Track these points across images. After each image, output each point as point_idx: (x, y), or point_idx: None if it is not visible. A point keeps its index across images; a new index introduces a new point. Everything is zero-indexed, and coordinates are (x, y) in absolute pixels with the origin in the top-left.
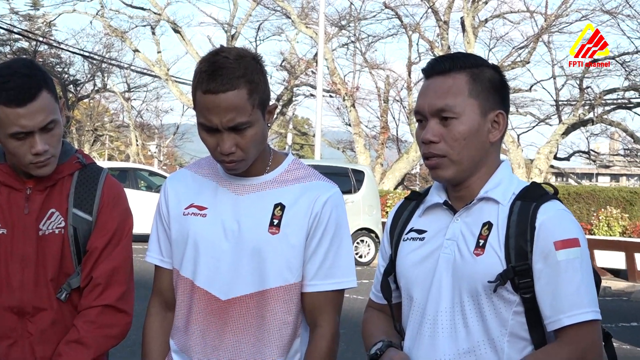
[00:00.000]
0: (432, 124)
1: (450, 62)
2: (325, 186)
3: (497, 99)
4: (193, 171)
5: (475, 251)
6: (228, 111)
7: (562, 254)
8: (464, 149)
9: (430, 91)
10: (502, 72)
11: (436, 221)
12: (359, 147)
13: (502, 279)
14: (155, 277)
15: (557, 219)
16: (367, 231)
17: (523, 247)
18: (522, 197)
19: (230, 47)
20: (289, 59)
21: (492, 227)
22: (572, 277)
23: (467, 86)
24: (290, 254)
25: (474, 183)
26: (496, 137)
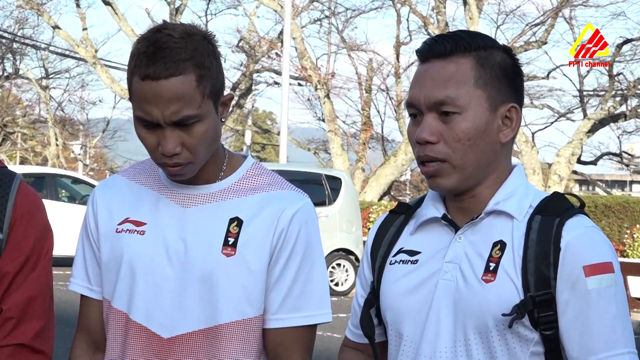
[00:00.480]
0: (429, 119)
1: (452, 42)
2: (292, 196)
3: (510, 89)
4: (128, 178)
5: (484, 277)
6: (172, 102)
7: (593, 281)
8: (468, 152)
9: (428, 79)
10: (515, 55)
11: (433, 240)
12: (334, 148)
13: (519, 311)
14: (81, 310)
15: (586, 238)
16: (344, 253)
17: (545, 272)
18: (543, 210)
19: (175, 23)
20: (247, 38)
21: (506, 247)
22: (605, 309)
23: (472, 73)
24: (249, 281)
25: (481, 193)
26: (508, 136)
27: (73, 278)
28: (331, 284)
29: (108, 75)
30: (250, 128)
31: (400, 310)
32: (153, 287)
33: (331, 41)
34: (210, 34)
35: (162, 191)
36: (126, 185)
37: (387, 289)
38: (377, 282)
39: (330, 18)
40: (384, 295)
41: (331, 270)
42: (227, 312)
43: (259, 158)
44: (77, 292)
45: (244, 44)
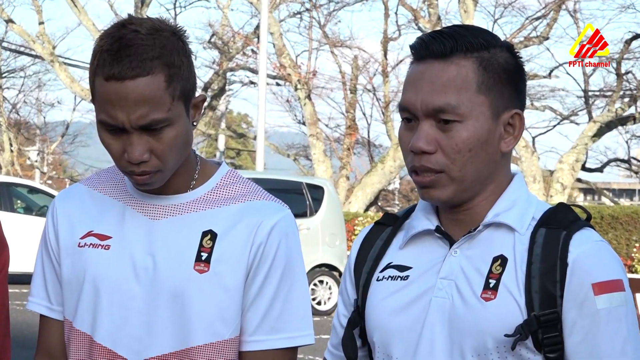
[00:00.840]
0: (426, 127)
1: (452, 41)
2: (271, 207)
3: (513, 93)
4: (91, 187)
5: (483, 294)
6: (138, 104)
7: (602, 300)
8: (468, 163)
9: (425, 82)
10: (517, 54)
11: (425, 254)
12: (316, 154)
13: (523, 332)
14: (41, 331)
15: (595, 253)
16: (327, 268)
17: (551, 290)
18: (547, 223)
19: (142, 17)
20: (220, 33)
21: (507, 262)
22: (615, 330)
23: (475, 77)
24: (224, 300)
25: (478, 204)
26: (510, 145)
27: (32, 297)
28: (313, 303)
29: (67, 74)
30: (224, 132)
31: (390, 330)
32: (119, 307)
33: (312, 37)
34: (180, 30)
35: (129, 202)
36: (89, 195)
37: (375, 307)
38: (362, 300)
39: (311, 11)
40: (370, 314)
41: (313, 288)
42: (201, 334)
43: (233, 165)
44: (36, 312)
45: (216, 39)
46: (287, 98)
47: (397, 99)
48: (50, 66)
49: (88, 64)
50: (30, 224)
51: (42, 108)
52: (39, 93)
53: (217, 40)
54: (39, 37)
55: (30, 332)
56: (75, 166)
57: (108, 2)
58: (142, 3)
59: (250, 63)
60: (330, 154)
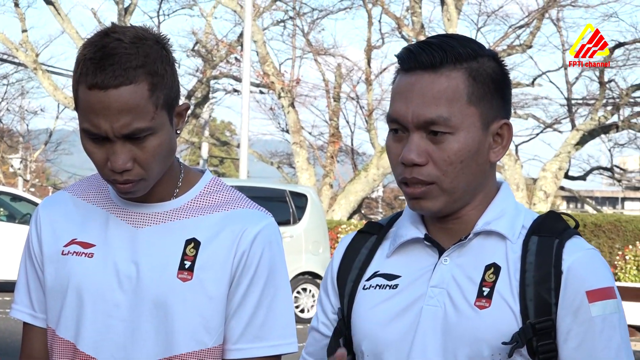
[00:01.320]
0: (417, 139)
1: (441, 52)
2: (254, 215)
3: (500, 102)
4: (75, 195)
5: (477, 302)
6: (122, 113)
7: (597, 307)
8: (460, 174)
9: (416, 94)
10: (503, 63)
11: (414, 262)
12: (300, 162)
13: (520, 339)
14: (24, 339)
15: (588, 261)
16: (311, 276)
17: (545, 297)
18: (539, 231)
19: (126, 26)
20: (203, 41)
21: (500, 270)
22: (610, 337)
23: (465, 89)
24: (208, 308)
25: (467, 213)
26: (499, 155)
27: (15, 304)
28: (296, 311)
29: (50, 82)
30: (207, 140)
31: (381, 339)
32: (102, 315)
33: (296, 45)
34: (164, 38)
35: (112, 210)
36: (73, 202)
37: (363, 316)
38: (348, 309)
39: (294, 19)
40: (358, 323)
41: (296, 296)
42: (184, 342)
43: (216, 173)
44: (20, 320)
45: (200, 47)
46: (270, 106)
47: (380, 107)
48: (34, 74)
49: (71, 71)
50: (13, 232)
51: (25, 116)
52: (22, 101)
53: (200, 48)
54: (22, 45)
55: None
56: (59, 174)
57: (91, 10)
58: (126, 11)
59: (233, 71)
60: (313, 162)
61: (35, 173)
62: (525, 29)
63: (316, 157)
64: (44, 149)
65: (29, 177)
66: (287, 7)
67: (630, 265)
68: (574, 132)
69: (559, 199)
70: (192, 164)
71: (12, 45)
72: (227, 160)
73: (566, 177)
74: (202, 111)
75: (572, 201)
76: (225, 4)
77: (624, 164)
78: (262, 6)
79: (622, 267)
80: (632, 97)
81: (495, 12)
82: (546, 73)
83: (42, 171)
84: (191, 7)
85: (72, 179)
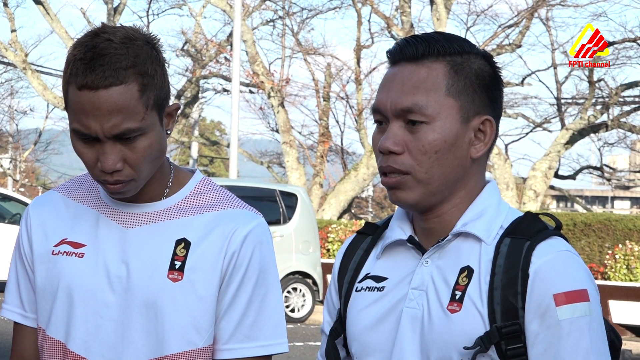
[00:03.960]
0: (395, 128)
1: (425, 45)
2: (244, 215)
3: (485, 100)
4: (65, 195)
5: (449, 306)
6: (112, 114)
7: (564, 311)
8: (434, 165)
9: (396, 83)
10: (495, 63)
11: (399, 264)
12: (290, 162)
13: (483, 343)
14: (15, 339)
15: (558, 263)
16: (301, 276)
17: (512, 301)
18: (512, 232)
19: (116, 26)
20: (193, 41)
21: (473, 273)
22: (577, 342)
23: (445, 80)
24: (198, 308)
25: (448, 212)
26: (480, 151)
27: (5, 304)
28: (286, 310)
29: (40, 81)
30: (197, 140)
31: (366, 342)
32: (93, 315)
33: (285, 44)
34: (154, 38)
35: (102, 210)
36: (63, 202)
37: (354, 319)
38: (344, 309)
39: (284, 19)
40: (350, 325)
41: (286, 295)
42: (174, 342)
43: (206, 172)
44: (10, 320)
45: (189, 47)
46: (260, 105)
47: (370, 106)
48: (23, 74)
49: (60, 71)
50: (2, 232)
51: (14, 115)
52: (11, 101)
53: (190, 48)
54: (11, 45)
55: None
56: (48, 174)
57: (80, 10)
58: (115, 11)
59: (223, 71)
60: (303, 162)
61: (25, 173)
62: (514, 28)
63: (306, 157)
64: (33, 149)
65: (19, 177)
66: (276, 6)
67: (620, 264)
68: (563, 132)
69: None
70: (182, 163)
71: (1, 45)
72: (217, 160)
73: (556, 176)
74: (192, 111)
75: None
76: (214, 4)
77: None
78: (251, 6)
79: (612, 266)
80: (621, 97)
81: (484, 11)
82: (535, 72)
83: (31, 171)
84: (180, 6)
85: (61, 178)
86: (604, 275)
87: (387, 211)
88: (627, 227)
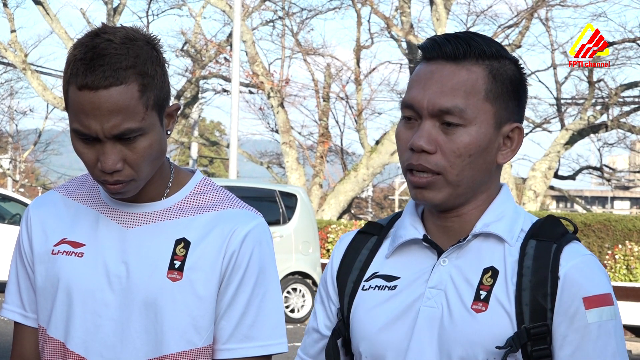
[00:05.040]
0: (429, 126)
1: (465, 46)
2: (244, 215)
3: (516, 107)
4: (65, 195)
5: (474, 305)
6: (112, 114)
7: (593, 314)
8: (466, 168)
9: (435, 82)
10: (522, 69)
11: (413, 263)
12: (289, 162)
13: (514, 344)
14: (15, 338)
15: (586, 267)
16: (301, 276)
17: (541, 303)
18: (537, 235)
19: (116, 26)
20: (193, 41)
21: (498, 274)
22: (605, 345)
23: (484, 85)
24: (197, 308)
25: (468, 213)
26: (507, 158)
27: (6, 304)
28: (286, 311)
29: (39, 82)
30: (197, 140)
31: (379, 341)
32: (92, 315)
33: (285, 45)
34: (155, 39)
35: (102, 209)
36: (63, 202)
37: (362, 317)
38: (347, 310)
39: (284, 19)
40: (357, 324)
41: (286, 296)
42: (174, 342)
43: (206, 173)
44: (11, 319)
45: (189, 47)
46: (260, 106)
47: (369, 107)
48: (23, 74)
49: (60, 72)
50: (2, 233)
51: (14, 116)
52: (11, 101)
53: (189, 48)
54: (11, 45)
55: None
56: (48, 174)
57: (80, 10)
58: (115, 11)
59: (223, 71)
60: (303, 162)
61: (25, 173)
62: (514, 28)
63: (306, 157)
64: (33, 149)
65: (18, 177)
66: (276, 7)
67: (620, 264)
68: (563, 132)
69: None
70: (181, 164)
71: (1, 46)
72: (217, 160)
73: (556, 176)
74: (192, 111)
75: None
76: (214, 4)
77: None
78: (251, 6)
79: (612, 267)
80: (621, 97)
81: (484, 12)
82: (535, 73)
83: (31, 171)
84: (180, 7)
85: (61, 179)
86: None
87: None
88: (626, 228)
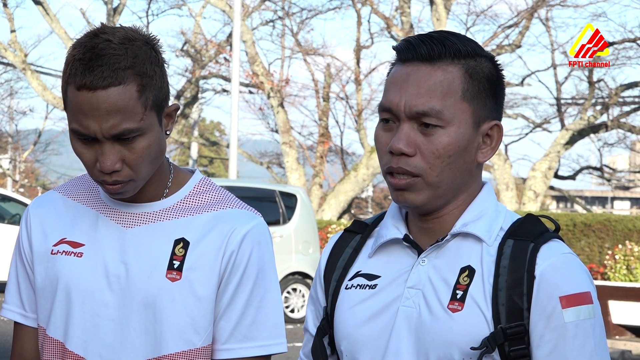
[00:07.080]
0: (407, 129)
1: (440, 46)
2: (244, 215)
3: (494, 105)
4: (64, 195)
5: (450, 305)
6: (111, 114)
7: (570, 313)
8: (446, 169)
9: (411, 84)
10: (499, 65)
11: (393, 263)
12: (289, 162)
13: (489, 344)
14: (15, 338)
15: (563, 266)
16: (300, 276)
17: (518, 302)
18: (515, 234)
19: (115, 26)
20: (192, 41)
21: (475, 273)
22: (583, 344)
23: (461, 84)
24: (196, 308)
25: (449, 213)
26: (487, 156)
27: (6, 304)
28: (286, 311)
29: (39, 82)
30: (197, 140)
31: (357, 339)
32: (91, 315)
33: (285, 45)
34: (154, 39)
35: (102, 210)
36: (62, 202)
37: (343, 316)
38: (331, 308)
39: (284, 19)
40: (338, 322)
41: (286, 296)
42: (173, 342)
43: (206, 173)
44: (11, 319)
45: (189, 47)
46: (259, 106)
47: (369, 107)
48: (22, 74)
49: (60, 72)
50: (2, 233)
51: (14, 116)
52: (10, 101)
53: (189, 48)
54: (11, 45)
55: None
56: (48, 174)
57: (80, 10)
58: (115, 11)
59: (222, 71)
60: (303, 162)
61: (25, 173)
62: (514, 28)
63: (306, 157)
64: (33, 149)
65: (18, 177)
66: (276, 7)
67: (620, 264)
68: (563, 132)
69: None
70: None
71: (1, 46)
72: (217, 161)
73: (556, 176)
74: (192, 111)
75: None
76: (214, 4)
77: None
78: (251, 6)
79: (612, 267)
80: (621, 97)
81: (484, 11)
82: (535, 73)
83: (31, 171)
84: (180, 7)
85: (61, 179)
86: (604, 275)
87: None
88: (627, 228)
